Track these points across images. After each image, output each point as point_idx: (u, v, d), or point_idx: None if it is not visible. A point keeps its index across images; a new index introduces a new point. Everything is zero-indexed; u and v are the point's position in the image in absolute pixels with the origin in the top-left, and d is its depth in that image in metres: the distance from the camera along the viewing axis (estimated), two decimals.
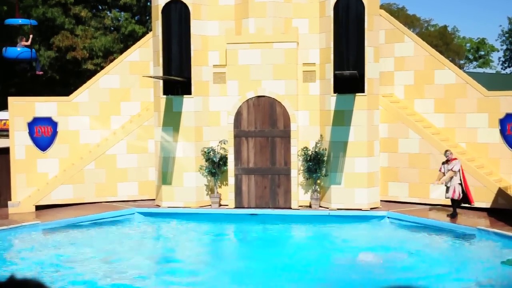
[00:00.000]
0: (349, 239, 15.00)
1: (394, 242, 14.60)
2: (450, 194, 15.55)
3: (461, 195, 15.46)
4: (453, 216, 15.57)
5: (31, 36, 23.00)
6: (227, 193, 17.52)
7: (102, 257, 13.21)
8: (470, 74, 21.36)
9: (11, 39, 25.79)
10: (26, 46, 23.18)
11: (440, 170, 15.78)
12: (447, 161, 15.58)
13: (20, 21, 25.44)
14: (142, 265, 12.79)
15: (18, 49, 22.95)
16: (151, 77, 17.21)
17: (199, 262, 13.10)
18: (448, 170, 15.45)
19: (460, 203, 15.76)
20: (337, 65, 16.26)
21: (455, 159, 15.63)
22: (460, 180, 15.46)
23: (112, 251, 13.79)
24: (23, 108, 17.83)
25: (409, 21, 53.23)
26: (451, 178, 15.42)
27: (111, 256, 13.32)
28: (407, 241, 14.63)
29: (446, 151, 15.70)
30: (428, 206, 16.96)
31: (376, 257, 13.16)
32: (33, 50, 22.47)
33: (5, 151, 17.83)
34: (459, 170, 15.45)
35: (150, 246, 14.66)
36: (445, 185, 15.65)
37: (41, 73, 22.41)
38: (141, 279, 11.75)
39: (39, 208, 17.39)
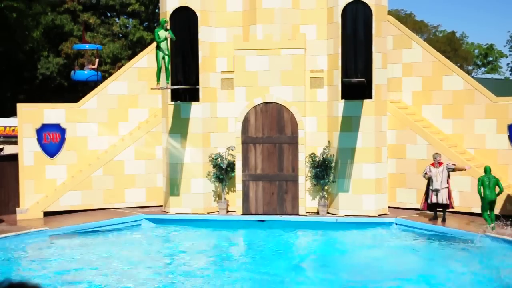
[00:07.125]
0: (357, 245, 14.95)
1: (402, 248, 14.55)
2: (444, 199, 15.64)
3: (449, 200, 15.84)
4: (444, 220, 15.80)
5: (97, 60, 23.57)
6: (235, 199, 17.51)
7: (108, 263, 13.23)
8: (478, 80, 21.28)
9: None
10: (92, 69, 23.84)
11: (427, 173, 15.81)
12: (433, 164, 15.82)
13: (87, 46, 26.31)
14: (149, 271, 12.79)
15: (86, 72, 23.53)
16: (159, 89, 17.03)
17: (206, 269, 13.08)
18: (453, 168, 15.66)
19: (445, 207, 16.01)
20: (345, 71, 16.24)
21: (442, 163, 15.85)
22: (448, 184, 15.78)
23: (119, 257, 13.79)
24: (32, 115, 17.90)
25: (417, 27, 53.13)
26: (443, 181, 15.68)
27: (117, 262, 13.33)
28: (415, 247, 14.59)
29: (436, 153, 15.92)
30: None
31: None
32: (99, 73, 23.15)
33: (14, 157, 17.92)
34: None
35: (157, 252, 14.65)
36: (435, 190, 15.71)
37: None
38: (146, 285, 11.75)
39: (47, 214, 17.43)
